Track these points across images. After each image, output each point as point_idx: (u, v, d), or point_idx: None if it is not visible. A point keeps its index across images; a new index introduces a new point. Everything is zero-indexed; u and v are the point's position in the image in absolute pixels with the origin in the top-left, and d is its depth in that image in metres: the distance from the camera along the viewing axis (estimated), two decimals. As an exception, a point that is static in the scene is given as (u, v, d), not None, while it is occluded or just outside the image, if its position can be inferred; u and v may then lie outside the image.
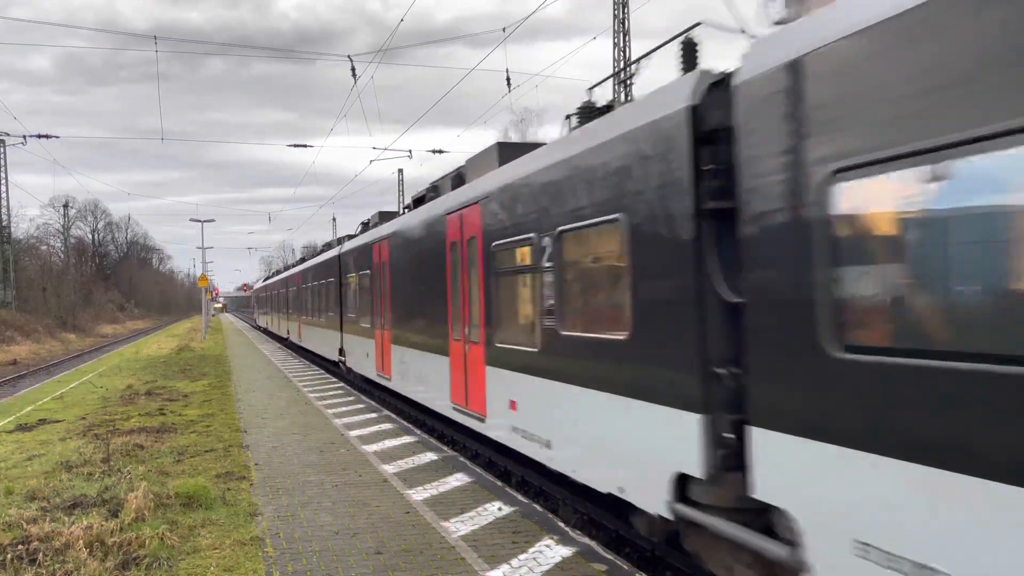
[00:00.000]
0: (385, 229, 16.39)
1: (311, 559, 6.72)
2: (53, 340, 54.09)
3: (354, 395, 18.43)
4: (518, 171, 8.81)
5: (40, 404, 18.09)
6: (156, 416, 14.91)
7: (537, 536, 7.24)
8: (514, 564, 6.50)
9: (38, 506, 8.26)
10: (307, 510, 8.27)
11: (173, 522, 7.64)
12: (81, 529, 7.15)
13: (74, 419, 15.00)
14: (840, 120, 4.19)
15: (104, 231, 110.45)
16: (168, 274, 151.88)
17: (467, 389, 10.69)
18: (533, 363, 8.25)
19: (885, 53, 3.89)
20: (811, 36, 4.41)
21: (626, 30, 31.85)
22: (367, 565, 6.55)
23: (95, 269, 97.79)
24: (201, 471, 9.95)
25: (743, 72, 5.00)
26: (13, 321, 52.26)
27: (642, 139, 6.05)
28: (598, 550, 6.88)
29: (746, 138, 4.93)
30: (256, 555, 6.79)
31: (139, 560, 6.59)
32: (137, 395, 18.51)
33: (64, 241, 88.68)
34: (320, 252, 30.77)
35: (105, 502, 8.30)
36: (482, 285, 9.93)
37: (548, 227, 7.82)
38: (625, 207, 6.32)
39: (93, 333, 67.31)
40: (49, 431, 13.73)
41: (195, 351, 34.83)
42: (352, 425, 13.81)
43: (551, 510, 8.80)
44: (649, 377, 6.06)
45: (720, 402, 5.27)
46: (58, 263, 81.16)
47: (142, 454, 11.06)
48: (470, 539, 7.20)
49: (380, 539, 7.24)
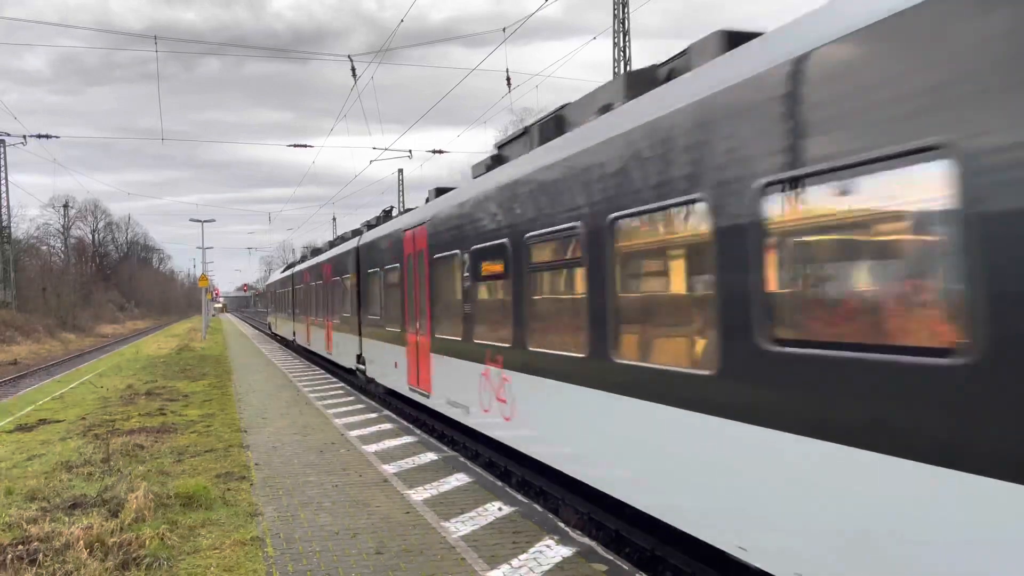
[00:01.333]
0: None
1: (311, 559, 6.72)
2: (53, 340, 54.10)
3: (354, 395, 18.43)
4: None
5: (40, 404, 18.09)
6: (156, 416, 14.91)
7: (537, 536, 7.24)
8: (514, 564, 6.50)
9: (38, 506, 8.26)
10: (307, 510, 8.26)
11: (173, 522, 7.64)
12: (81, 529, 7.15)
13: (74, 419, 14.99)
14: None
15: (104, 231, 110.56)
16: (168, 274, 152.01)
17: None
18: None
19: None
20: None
21: (626, 30, 31.85)
22: (367, 565, 6.55)
23: (95, 269, 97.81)
24: (201, 471, 9.95)
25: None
26: (13, 321, 52.29)
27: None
28: (598, 550, 6.87)
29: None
30: (256, 555, 6.79)
31: (139, 560, 6.59)
32: (137, 395, 18.50)
33: (64, 241, 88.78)
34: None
35: (105, 502, 8.29)
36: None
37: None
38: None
39: (93, 333, 67.32)
40: (49, 431, 13.73)
41: (195, 351, 34.84)
42: (352, 425, 13.81)
43: (551, 510, 8.80)
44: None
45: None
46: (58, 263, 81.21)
47: (142, 454, 11.06)
48: (470, 539, 7.20)
49: (380, 539, 7.24)
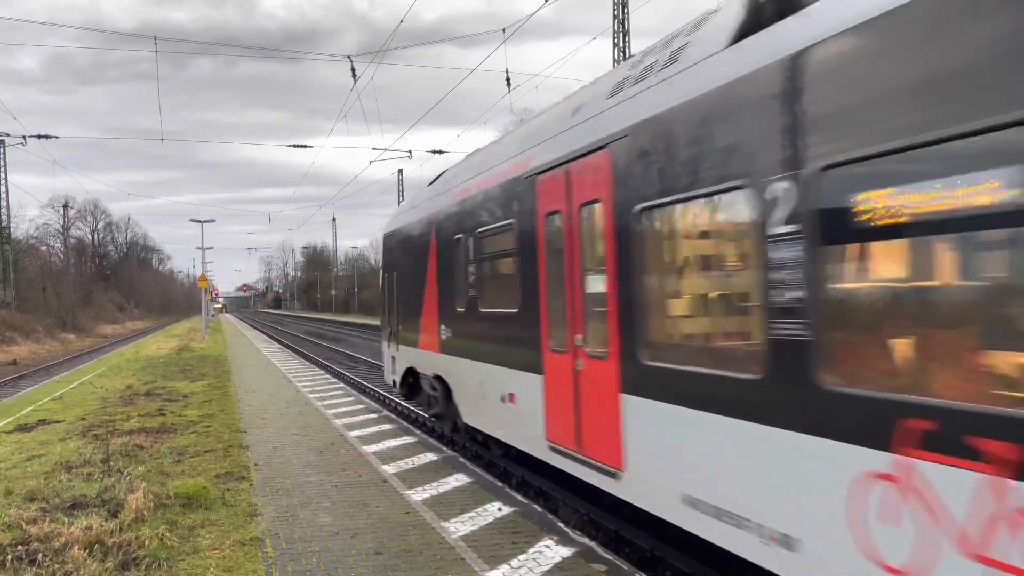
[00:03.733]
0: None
1: (311, 559, 6.72)
2: (53, 340, 54.13)
3: (353, 395, 18.43)
4: None
5: (40, 404, 18.08)
6: (156, 416, 14.90)
7: (537, 536, 7.23)
8: (514, 564, 6.50)
9: (38, 506, 8.26)
10: (307, 510, 8.26)
11: (173, 522, 7.64)
12: (81, 530, 7.15)
13: (74, 419, 14.99)
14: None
15: (104, 231, 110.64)
16: (168, 274, 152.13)
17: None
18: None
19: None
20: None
21: (626, 30, 31.86)
22: (367, 565, 6.54)
23: (95, 269, 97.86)
24: (201, 471, 9.95)
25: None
26: (13, 321, 52.33)
27: None
28: (598, 550, 6.87)
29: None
30: (256, 555, 6.79)
31: (139, 561, 6.58)
32: (137, 395, 18.50)
33: (64, 241, 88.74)
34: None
35: (105, 502, 8.29)
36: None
37: None
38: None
39: (93, 333, 67.35)
40: (49, 431, 13.72)
41: (195, 351, 34.83)
42: (352, 425, 13.80)
43: (551, 510, 8.79)
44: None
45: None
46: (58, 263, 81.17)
47: (142, 454, 11.05)
48: (470, 539, 7.20)
49: (380, 539, 7.23)
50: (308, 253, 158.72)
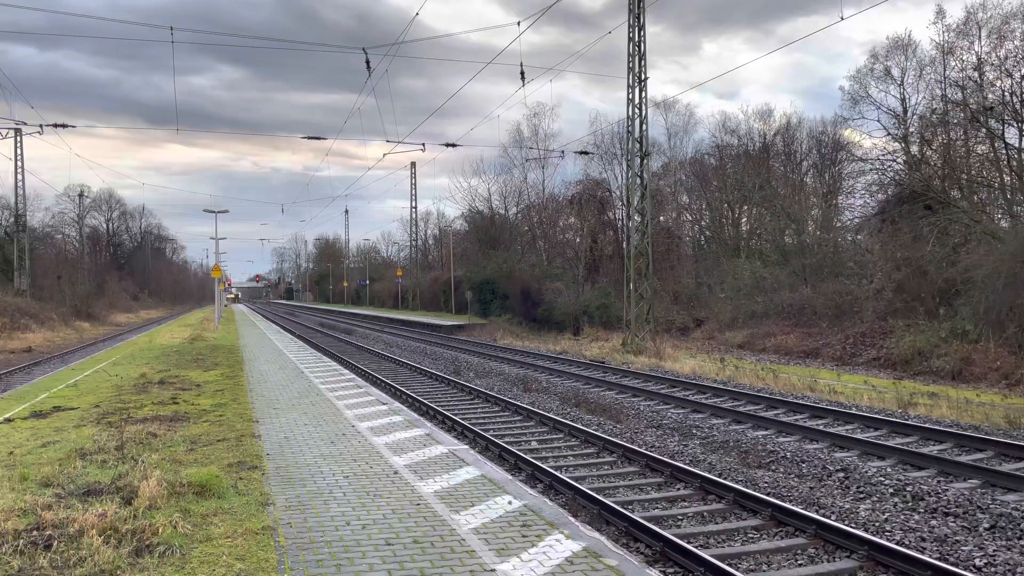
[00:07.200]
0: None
1: (322, 549, 6.75)
2: (67, 328, 54.59)
3: (364, 387, 18.49)
4: None
5: (54, 391, 18.25)
6: (169, 405, 15.01)
7: (547, 530, 7.24)
8: (524, 557, 6.51)
9: (52, 492, 8.34)
10: (318, 500, 8.30)
11: (186, 510, 7.69)
12: (95, 516, 7.21)
13: (88, 407, 15.12)
14: None
15: (119, 220, 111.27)
16: (181, 264, 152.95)
17: None
18: None
19: None
20: None
21: (641, 24, 31.70)
22: (377, 556, 6.57)
23: (109, 258, 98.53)
24: (214, 460, 10.02)
25: None
26: (28, 309, 52.78)
27: None
28: (608, 545, 6.87)
29: None
30: (268, 544, 6.83)
31: (152, 547, 6.64)
32: (150, 384, 18.63)
33: (79, 230, 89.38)
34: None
35: (119, 489, 8.36)
36: None
37: None
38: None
39: (107, 322, 67.87)
40: (63, 418, 13.85)
41: (208, 341, 35.04)
42: (363, 416, 13.85)
43: (562, 505, 8.80)
44: None
45: None
46: (73, 252, 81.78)
47: (155, 442, 11.14)
48: (480, 532, 7.22)
49: (390, 530, 7.26)
50: (320, 245, 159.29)
